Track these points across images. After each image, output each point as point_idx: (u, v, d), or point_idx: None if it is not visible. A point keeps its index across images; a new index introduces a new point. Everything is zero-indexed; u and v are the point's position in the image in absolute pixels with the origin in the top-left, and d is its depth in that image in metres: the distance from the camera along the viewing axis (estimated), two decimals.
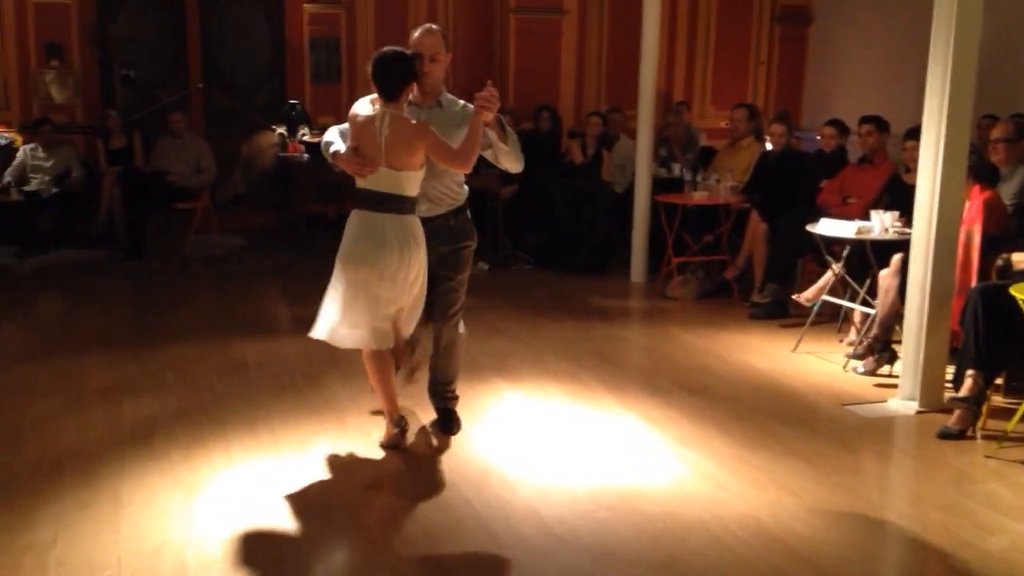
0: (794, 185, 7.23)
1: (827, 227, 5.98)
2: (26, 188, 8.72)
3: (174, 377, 5.38)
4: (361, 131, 4.15)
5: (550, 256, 8.59)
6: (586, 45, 10.71)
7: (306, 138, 9.64)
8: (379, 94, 4.13)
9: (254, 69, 10.21)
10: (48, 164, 8.94)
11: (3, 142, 9.12)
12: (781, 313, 6.84)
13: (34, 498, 3.79)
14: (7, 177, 8.73)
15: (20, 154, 8.98)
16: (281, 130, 9.75)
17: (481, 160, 9.20)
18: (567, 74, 10.67)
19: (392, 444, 4.40)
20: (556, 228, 8.57)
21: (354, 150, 4.15)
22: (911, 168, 6.22)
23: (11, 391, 5.10)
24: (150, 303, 7.28)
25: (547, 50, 10.55)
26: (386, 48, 4.16)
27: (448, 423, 4.66)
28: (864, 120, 6.93)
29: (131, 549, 3.41)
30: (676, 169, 8.88)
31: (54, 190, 8.85)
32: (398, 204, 4.13)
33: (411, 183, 4.16)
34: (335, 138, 4.30)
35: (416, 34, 4.27)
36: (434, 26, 4.33)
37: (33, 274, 8.07)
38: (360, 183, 4.19)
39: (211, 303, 7.40)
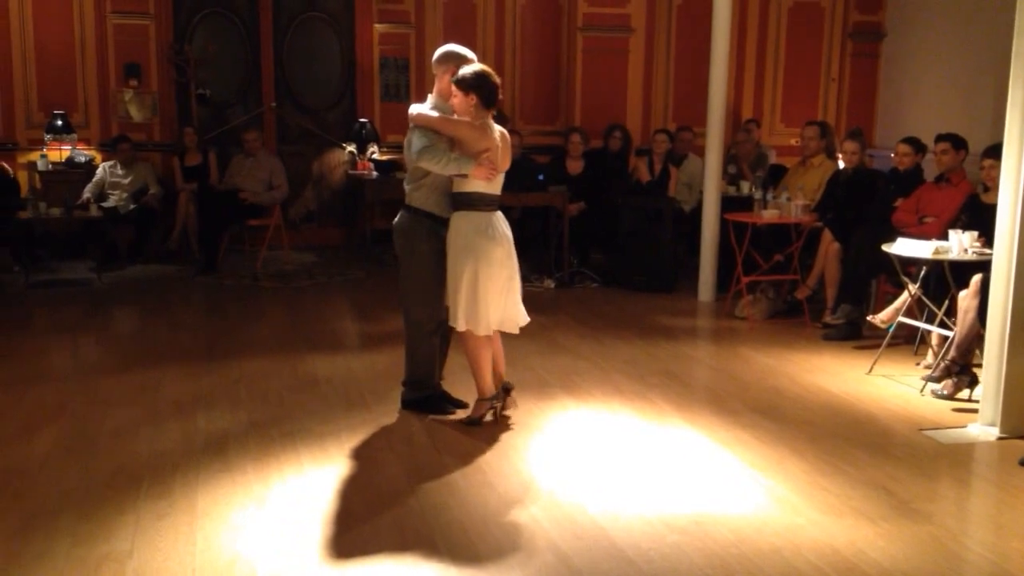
0: (867, 204, 7.11)
1: (904, 247, 5.86)
2: (105, 204, 8.97)
3: (246, 391, 5.47)
4: (485, 138, 4.68)
5: (616, 274, 8.55)
6: (654, 63, 10.68)
7: (375, 156, 9.76)
8: (483, 101, 4.67)
9: (326, 88, 10.37)
10: (126, 181, 9.20)
11: (83, 159, 9.41)
12: (855, 335, 6.70)
13: (112, 508, 3.87)
14: (86, 193, 8.99)
15: (99, 171, 9.25)
16: (351, 148, 9.88)
17: (550, 177, 9.26)
18: (634, 92, 10.65)
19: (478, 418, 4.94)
20: (623, 246, 8.53)
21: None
22: (989, 187, 6.08)
23: (89, 403, 5.23)
24: (223, 318, 7.42)
25: (614, 68, 10.54)
26: (477, 64, 4.75)
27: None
28: (940, 138, 6.78)
29: (206, 561, 3.46)
30: (745, 187, 8.79)
31: (131, 206, 9.10)
32: (497, 203, 4.84)
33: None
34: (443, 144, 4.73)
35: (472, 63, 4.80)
36: None
37: (110, 288, 8.27)
38: (476, 187, 4.69)
39: (282, 318, 7.51)
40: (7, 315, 7.30)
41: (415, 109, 4.83)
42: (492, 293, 4.76)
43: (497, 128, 4.82)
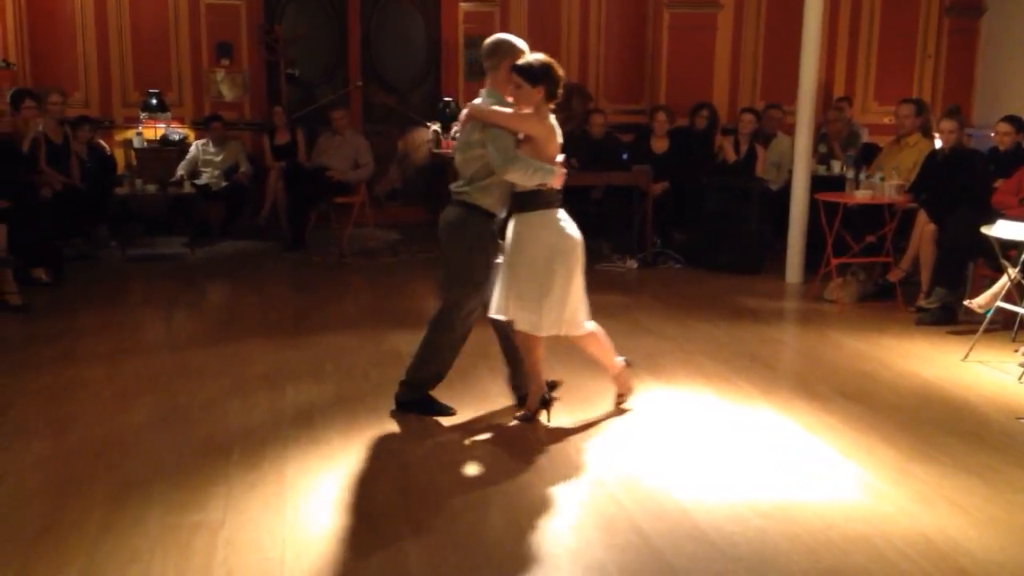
0: (965, 185, 6.87)
1: (1004, 229, 5.65)
2: (197, 181, 9.21)
3: (332, 365, 5.56)
4: (553, 135, 4.50)
5: (700, 254, 8.44)
6: (742, 39, 10.47)
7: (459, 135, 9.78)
8: (548, 95, 4.43)
9: (411, 67, 10.44)
10: (218, 159, 9.40)
11: (177, 137, 9.65)
12: (950, 319, 6.50)
13: (204, 478, 3.97)
14: (180, 171, 9.23)
15: (192, 149, 9.48)
16: (435, 127, 9.92)
17: (634, 156, 9.13)
18: (721, 69, 10.47)
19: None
20: (707, 226, 8.41)
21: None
22: None
23: (182, 374, 5.37)
24: (310, 293, 7.55)
25: (701, 45, 10.37)
26: (538, 53, 4.48)
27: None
28: None
29: (295, 533, 3.53)
30: (836, 167, 8.59)
31: (223, 183, 9.32)
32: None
33: None
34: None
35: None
36: None
37: (202, 263, 8.48)
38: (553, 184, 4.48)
39: (367, 295, 7.61)
40: (104, 289, 7.54)
41: (477, 104, 4.53)
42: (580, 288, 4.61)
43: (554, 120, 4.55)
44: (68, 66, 9.56)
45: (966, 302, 6.15)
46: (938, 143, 7.47)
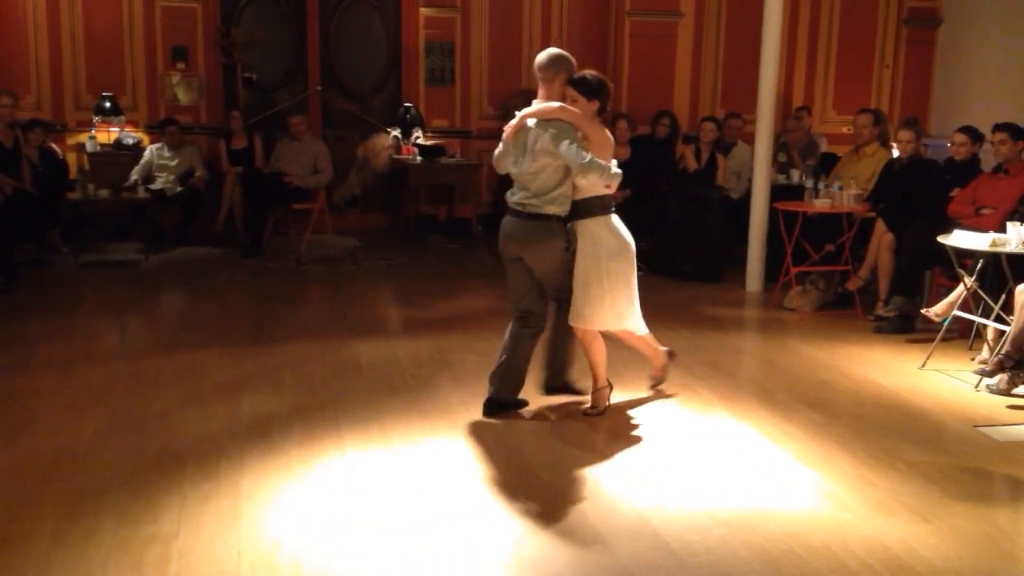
0: (922, 194, 6.95)
1: (960, 239, 5.71)
2: (152, 187, 9.06)
3: (290, 374, 5.48)
4: (610, 143, 4.67)
5: (662, 262, 8.44)
6: (702, 48, 10.53)
7: (419, 141, 9.74)
8: (601, 109, 4.61)
9: (371, 73, 10.37)
10: (173, 163, 9.26)
11: (131, 142, 9.48)
12: (907, 328, 6.57)
13: (158, 489, 3.89)
14: (134, 176, 9.07)
15: (147, 153, 9.33)
16: (396, 133, 9.87)
17: None
18: (682, 78, 10.50)
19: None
20: (669, 234, 8.43)
21: None
22: None
23: (136, 384, 5.27)
24: (268, 301, 7.45)
25: (662, 53, 10.40)
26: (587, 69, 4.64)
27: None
28: (998, 127, 6.64)
29: (251, 544, 3.46)
30: (795, 175, 8.66)
31: (178, 189, 9.17)
32: None
33: None
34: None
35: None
36: None
37: (157, 270, 8.34)
38: (602, 189, 4.64)
39: (326, 303, 7.53)
40: (56, 295, 7.39)
41: (551, 106, 4.53)
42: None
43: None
44: (19, 68, 9.37)
45: (923, 311, 6.20)
46: (896, 153, 7.55)
